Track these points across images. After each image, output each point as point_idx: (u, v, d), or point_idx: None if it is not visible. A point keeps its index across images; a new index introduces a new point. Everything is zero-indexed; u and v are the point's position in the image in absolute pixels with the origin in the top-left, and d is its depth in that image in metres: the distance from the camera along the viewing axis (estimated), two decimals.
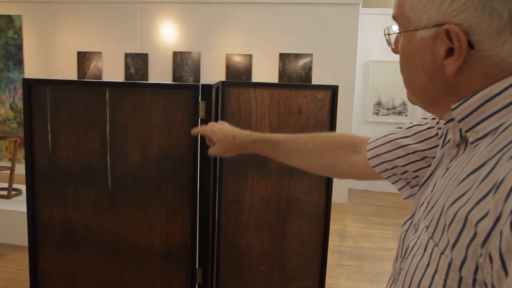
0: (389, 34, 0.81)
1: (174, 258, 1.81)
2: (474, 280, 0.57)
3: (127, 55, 6.59)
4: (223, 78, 6.31)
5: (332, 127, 2.45)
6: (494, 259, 0.53)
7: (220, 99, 2.23)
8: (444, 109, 0.71)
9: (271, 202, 2.43)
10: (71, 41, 6.77)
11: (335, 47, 5.97)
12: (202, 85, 1.73)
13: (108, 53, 6.67)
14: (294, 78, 6.10)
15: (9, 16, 6.97)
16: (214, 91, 2.19)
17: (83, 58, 6.74)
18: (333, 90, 2.43)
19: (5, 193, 4.72)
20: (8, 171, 4.82)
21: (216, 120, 2.30)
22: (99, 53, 6.68)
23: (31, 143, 1.76)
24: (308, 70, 6.08)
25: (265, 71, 6.22)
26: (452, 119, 0.70)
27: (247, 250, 2.43)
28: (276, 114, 2.38)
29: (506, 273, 0.51)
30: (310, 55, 6.05)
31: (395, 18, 0.74)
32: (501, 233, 0.52)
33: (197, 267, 1.83)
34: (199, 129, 1.41)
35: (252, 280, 2.48)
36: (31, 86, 1.73)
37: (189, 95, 1.72)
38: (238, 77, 6.26)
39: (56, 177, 1.78)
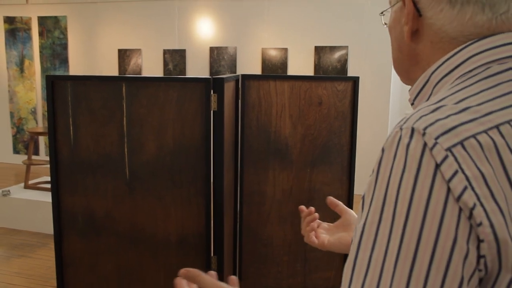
0: (382, 14, 0.92)
1: (189, 246, 1.87)
2: None
3: (165, 52, 6.74)
4: (259, 72, 6.35)
5: (353, 118, 2.45)
6: None
7: (240, 92, 2.27)
8: None
9: (292, 194, 2.46)
10: (112, 39, 7.00)
11: (371, 39, 5.90)
12: (213, 78, 1.78)
13: (147, 50, 6.85)
14: (330, 71, 6.07)
15: (55, 17, 7.27)
16: (234, 84, 2.24)
17: (123, 55, 6.95)
18: (354, 82, 2.42)
19: (49, 186, 4.96)
20: None
21: (237, 112, 2.35)
22: (139, 50, 6.87)
23: (55, 136, 1.86)
24: (343, 62, 6.03)
25: (301, 65, 6.22)
26: (413, 102, 0.75)
27: (269, 240, 2.47)
28: (297, 106, 2.40)
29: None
30: (346, 47, 6.00)
31: (389, 1, 0.81)
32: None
33: (212, 255, 1.89)
34: None
35: (275, 270, 2.52)
36: (54, 83, 1.83)
37: (201, 88, 1.77)
38: (274, 70, 6.29)
39: (77, 167, 1.88)
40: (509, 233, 0.52)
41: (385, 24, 0.88)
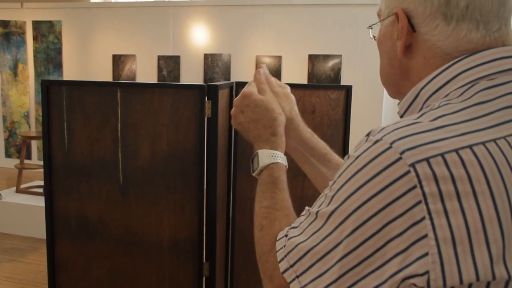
0: (370, 28, 0.92)
1: (182, 251, 1.88)
2: None
3: (160, 58, 6.76)
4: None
5: (346, 126, 2.47)
6: None
7: (234, 99, 2.29)
8: None
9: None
10: (106, 45, 7.01)
11: (364, 48, 5.95)
12: (208, 85, 1.80)
13: (142, 56, 6.86)
14: (323, 79, 6.11)
15: (50, 21, 7.28)
16: (228, 91, 2.26)
17: (118, 61, 6.96)
18: (347, 90, 2.44)
19: (41, 190, 4.94)
20: None
21: (230, 119, 2.36)
22: (133, 55, 6.88)
23: (49, 141, 1.87)
24: (337, 71, 6.08)
25: (295, 73, 6.26)
26: (402, 115, 0.76)
27: None
28: None
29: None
30: (339, 56, 6.05)
31: (377, 14, 0.83)
32: None
33: (204, 260, 1.90)
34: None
35: None
36: (49, 87, 1.84)
37: (196, 95, 1.79)
38: None
39: (71, 172, 1.89)
40: (455, 249, 0.53)
41: (373, 37, 0.89)
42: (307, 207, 0.72)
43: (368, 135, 0.63)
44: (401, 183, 0.55)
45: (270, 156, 0.95)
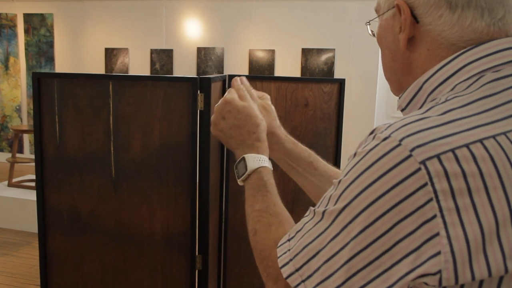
0: (368, 23, 0.90)
1: (174, 244, 1.88)
2: None
3: (152, 51, 6.73)
4: (246, 73, 6.37)
5: (339, 120, 2.47)
6: None
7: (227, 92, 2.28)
8: None
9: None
10: (99, 38, 6.96)
11: (357, 42, 5.95)
12: (200, 77, 1.79)
13: (135, 49, 6.83)
14: (317, 73, 6.11)
15: (41, 14, 7.21)
16: (221, 84, 2.25)
17: (110, 54, 6.92)
18: (340, 84, 2.44)
19: (33, 184, 4.92)
20: None
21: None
22: (126, 49, 6.84)
23: (40, 134, 1.86)
24: (330, 65, 6.08)
25: (288, 66, 6.25)
26: (404, 109, 0.75)
27: None
28: (283, 107, 2.41)
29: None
30: (333, 50, 6.05)
31: (375, 10, 0.81)
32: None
33: (197, 253, 1.90)
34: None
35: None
36: (40, 80, 1.83)
37: (188, 88, 1.78)
38: (261, 72, 6.31)
39: (63, 165, 1.88)
40: (469, 247, 0.53)
41: (372, 32, 0.88)
42: (311, 207, 0.71)
43: (372, 132, 0.62)
44: (411, 180, 0.54)
45: (257, 160, 0.94)
